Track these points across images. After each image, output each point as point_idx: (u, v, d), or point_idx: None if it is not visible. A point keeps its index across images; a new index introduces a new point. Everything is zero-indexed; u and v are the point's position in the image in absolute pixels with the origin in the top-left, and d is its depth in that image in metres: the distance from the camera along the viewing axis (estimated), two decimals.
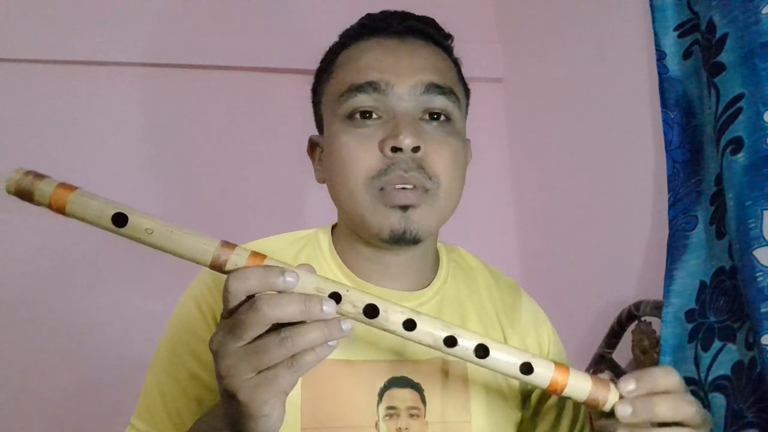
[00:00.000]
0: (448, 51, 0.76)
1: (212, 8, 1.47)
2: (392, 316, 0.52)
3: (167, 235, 0.49)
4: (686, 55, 1.00)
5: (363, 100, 0.68)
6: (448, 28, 0.78)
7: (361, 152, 0.67)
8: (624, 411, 0.52)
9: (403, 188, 0.66)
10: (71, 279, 1.33)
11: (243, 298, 0.49)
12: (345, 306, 0.51)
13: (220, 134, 1.46)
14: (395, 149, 0.66)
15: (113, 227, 0.49)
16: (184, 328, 0.71)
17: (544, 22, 1.50)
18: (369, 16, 0.76)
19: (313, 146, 0.78)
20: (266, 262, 0.51)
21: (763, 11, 0.81)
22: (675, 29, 1.01)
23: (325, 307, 0.49)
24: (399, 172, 0.66)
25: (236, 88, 1.48)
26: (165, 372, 0.70)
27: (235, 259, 0.50)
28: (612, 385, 0.54)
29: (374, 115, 0.68)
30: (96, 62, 1.39)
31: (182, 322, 0.72)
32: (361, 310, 0.51)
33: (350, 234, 0.73)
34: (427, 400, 0.69)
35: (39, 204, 0.49)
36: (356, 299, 0.51)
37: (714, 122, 0.88)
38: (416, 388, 0.69)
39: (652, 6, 1.03)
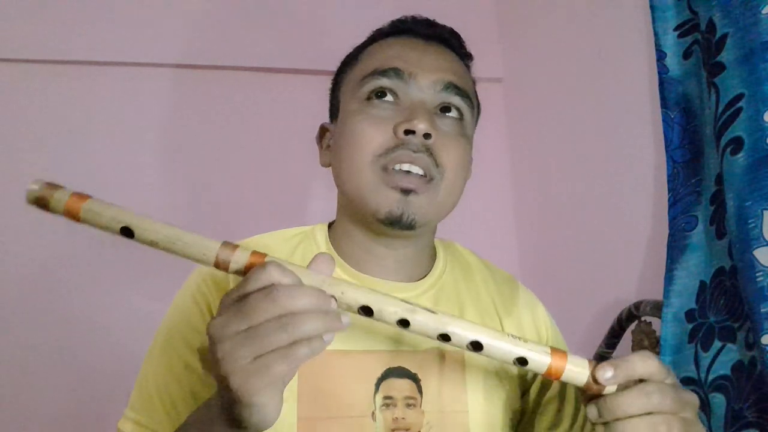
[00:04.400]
0: (467, 68, 0.80)
1: (228, 10, 1.48)
2: (387, 317, 0.53)
3: (171, 243, 0.52)
4: (686, 55, 1.00)
5: (384, 83, 0.71)
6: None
7: (373, 130, 0.69)
8: (591, 413, 0.53)
9: (408, 172, 0.68)
10: (71, 279, 1.33)
11: (282, 312, 0.49)
12: (342, 306, 0.53)
13: (231, 134, 1.47)
14: (408, 132, 0.67)
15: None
16: (180, 319, 0.72)
17: (544, 22, 1.50)
18: (399, 18, 0.80)
19: (322, 132, 0.80)
20: (267, 259, 0.53)
21: (763, 11, 0.81)
22: (675, 29, 1.01)
23: (333, 305, 0.51)
24: (407, 151, 0.68)
25: (248, 88, 1.48)
26: (160, 363, 0.71)
27: (237, 258, 0.53)
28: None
29: (390, 97, 0.71)
30: (115, 63, 1.40)
31: (178, 314, 0.73)
32: (356, 310, 0.53)
33: (348, 224, 0.75)
34: (423, 389, 0.70)
35: (54, 212, 0.53)
36: (351, 301, 0.53)
37: (714, 122, 0.88)
38: (413, 378, 0.70)
39: (652, 6, 1.03)
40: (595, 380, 0.53)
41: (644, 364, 0.54)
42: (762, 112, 0.81)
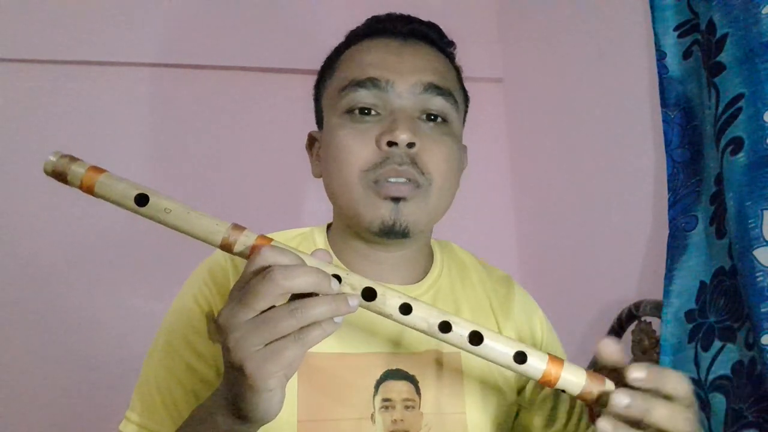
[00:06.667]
0: (450, 57, 0.78)
1: (214, 9, 1.47)
2: (389, 300, 0.53)
3: (184, 215, 0.53)
4: (686, 55, 1.00)
5: (363, 96, 0.70)
6: (448, 27, 0.80)
7: (357, 145, 0.69)
8: (619, 400, 0.50)
9: (396, 181, 0.68)
10: (71, 279, 1.33)
11: (281, 292, 0.49)
12: (344, 288, 0.53)
13: (223, 134, 1.47)
14: (391, 144, 0.67)
15: (135, 207, 0.53)
16: (181, 320, 0.72)
17: (544, 22, 1.50)
18: (374, 18, 0.78)
19: (311, 141, 0.80)
20: (272, 245, 0.53)
21: (763, 11, 0.81)
22: (675, 29, 1.01)
23: (333, 284, 0.51)
24: (393, 165, 0.68)
25: (237, 87, 1.48)
26: (161, 364, 0.71)
27: (244, 240, 0.53)
28: (607, 380, 0.53)
29: (373, 112, 0.70)
30: (103, 62, 1.40)
31: (179, 315, 0.72)
32: (359, 293, 0.53)
33: (344, 230, 0.75)
34: (422, 391, 0.70)
35: (71, 185, 0.53)
36: (355, 282, 0.53)
37: (714, 122, 0.88)
38: (411, 380, 0.70)
39: (652, 6, 1.03)
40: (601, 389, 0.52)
41: (676, 382, 0.52)
42: (762, 112, 0.81)
